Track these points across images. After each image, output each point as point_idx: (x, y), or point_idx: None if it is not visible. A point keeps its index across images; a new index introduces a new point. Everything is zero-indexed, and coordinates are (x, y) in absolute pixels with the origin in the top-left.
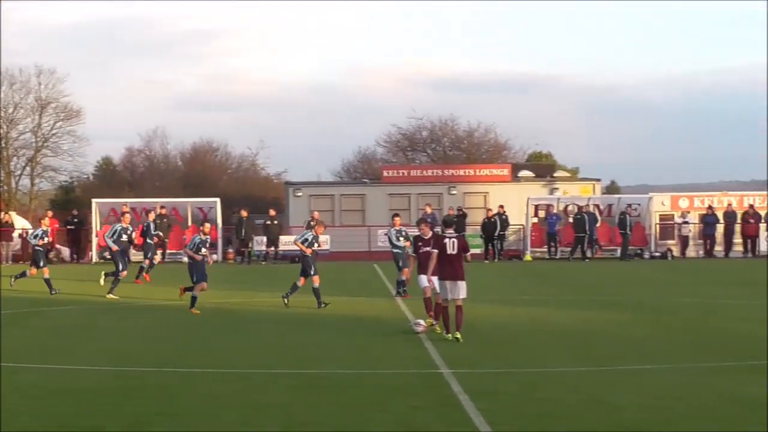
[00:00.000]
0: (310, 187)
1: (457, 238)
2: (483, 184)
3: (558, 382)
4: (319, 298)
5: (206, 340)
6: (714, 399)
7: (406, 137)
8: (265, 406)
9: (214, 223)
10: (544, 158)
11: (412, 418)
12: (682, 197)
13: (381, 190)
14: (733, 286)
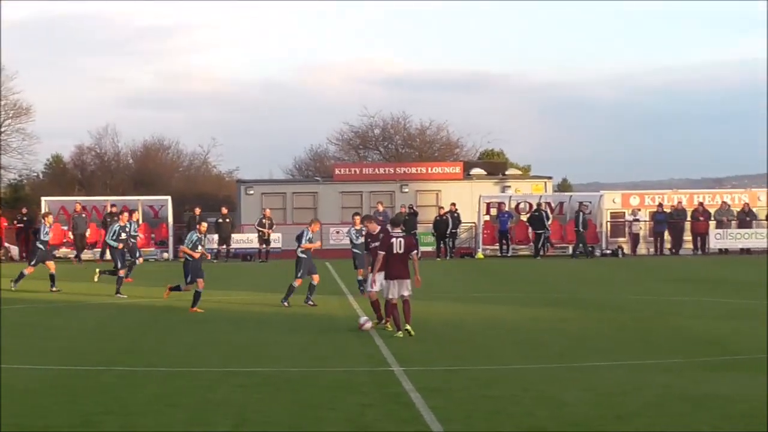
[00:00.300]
0: (262, 185)
1: (404, 237)
2: (435, 182)
3: (509, 379)
4: (289, 294)
5: (157, 339)
6: (663, 396)
7: (358, 135)
8: (215, 405)
9: (166, 221)
10: (496, 156)
11: (363, 416)
12: (633, 195)
13: (333, 188)
14: (683, 283)
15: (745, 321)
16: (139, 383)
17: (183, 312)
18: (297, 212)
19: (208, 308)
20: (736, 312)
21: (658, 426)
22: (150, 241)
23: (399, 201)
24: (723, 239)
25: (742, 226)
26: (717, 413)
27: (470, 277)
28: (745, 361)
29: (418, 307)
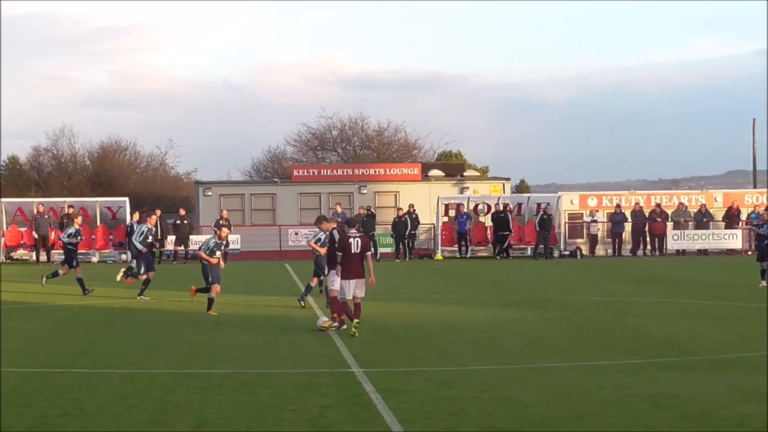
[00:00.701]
0: (220, 187)
1: (360, 237)
2: (393, 183)
3: (468, 380)
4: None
5: (114, 340)
6: (622, 396)
7: (316, 136)
8: (174, 406)
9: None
10: (454, 157)
11: (323, 418)
12: (591, 196)
13: (291, 190)
14: (641, 284)
15: (701, 321)
16: (96, 384)
17: (141, 313)
18: (255, 214)
19: (165, 309)
20: (693, 312)
21: (617, 426)
22: (108, 243)
23: (357, 202)
24: (680, 240)
25: (699, 227)
26: (676, 413)
27: (429, 278)
28: (702, 361)
29: (377, 309)
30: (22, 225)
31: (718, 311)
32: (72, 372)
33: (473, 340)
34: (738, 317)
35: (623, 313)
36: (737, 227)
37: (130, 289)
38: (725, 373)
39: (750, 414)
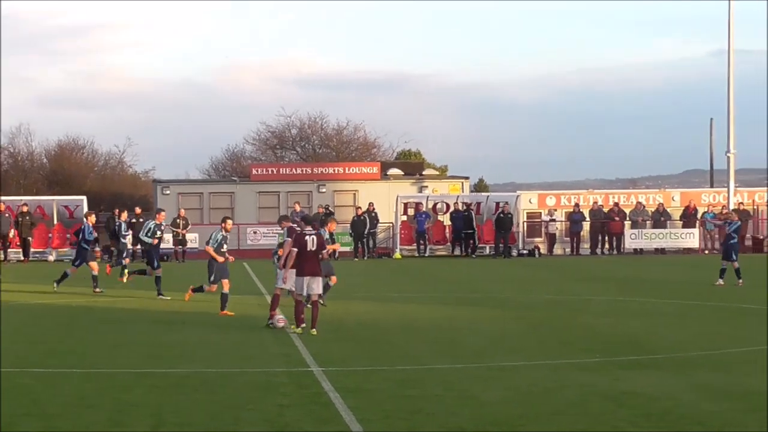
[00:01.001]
0: (179, 185)
1: (316, 235)
2: (352, 182)
3: (428, 378)
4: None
5: (73, 340)
6: (584, 395)
7: (275, 135)
8: (133, 406)
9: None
10: (413, 156)
11: (282, 417)
12: (549, 195)
13: (250, 188)
14: (599, 282)
15: (659, 319)
16: (57, 384)
17: (103, 312)
18: (214, 212)
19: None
20: (651, 311)
21: (580, 425)
22: (65, 241)
23: (316, 201)
24: (638, 239)
25: (657, 226)
26: (637, 411)
27: (388, 277)
28: (662, 359)
29: (336, 307)
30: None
31: (676, 309)
32: (33, 372)
33: (432, 339)
34: (695, 316)
35: (582, 311)
36: (695, 226)
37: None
38: (686, 372)
39: (711, 412)
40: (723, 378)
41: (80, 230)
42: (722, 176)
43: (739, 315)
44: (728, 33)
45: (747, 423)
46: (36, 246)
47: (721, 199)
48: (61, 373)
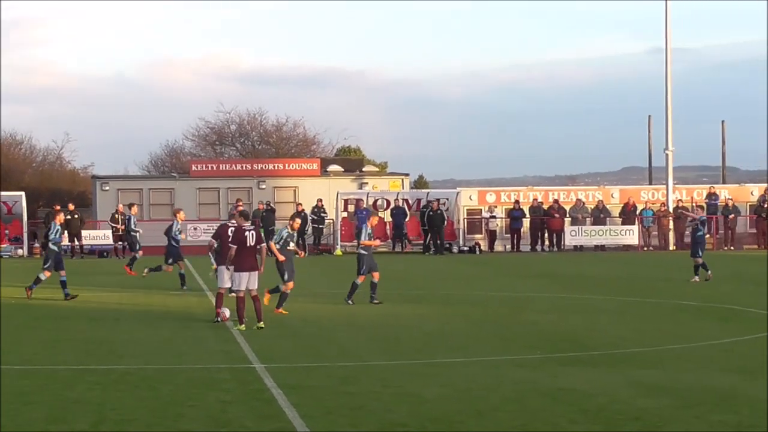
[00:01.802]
0: (118, 181)
1: (254, 230)
2: (292, 178)
3: (369, 375)
4: (353, 292)
5: (12, 337)
6: (521, 391)
7: (215, 131)
8: (73, 403)
9: (20, 217)
10: (353, 153)
11: (224, 413)
12: (489, 192)
13: (190, 184)
14: (539, 279)
15: (598, 316)
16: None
17: (37, 309)
18: (154, 208)
19: (62, 305)
20: (591, 308)
21: (517, 420)
22: (4, 238)
23: (257, 197)
24: (578, 236)
25: (597, 223)
26: (574, 407)
27: (329, 273)
28: (600, 356)
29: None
30: None
31: (615, 306)
32: None
33: (373, 336)
34: (634, 312)
35: (522, 308)
36: (634, 223)
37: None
38: (623, 368)
39: (647, 408)
40: (659, 374)
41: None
42: (660, 173)
43: (677, 312)
44: (665, 31)
45: (682, 418)
46: None
47: (659, 196)
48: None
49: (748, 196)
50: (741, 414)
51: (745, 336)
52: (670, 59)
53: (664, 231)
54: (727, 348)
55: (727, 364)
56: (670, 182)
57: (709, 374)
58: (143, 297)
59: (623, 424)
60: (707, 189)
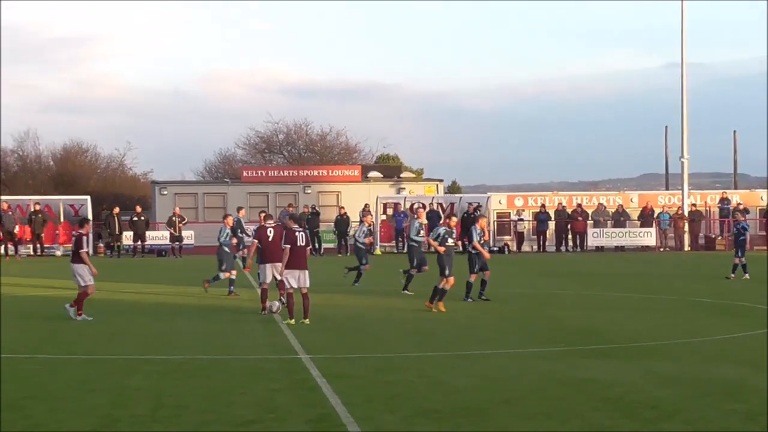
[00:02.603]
0: (175, 186)
1: (305, 232)
2: (335, 183)
3: (405, 366)
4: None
5: (76, 329)
6: (545, 381)
7: (264, 140)
8: (133, 390)
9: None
10: (392, 160)
11: (271, 401)
12: (518, 196)
13: (241, 189)
14: (563, 277)
15: (618, 312)
16: (60, 370)
17: (100, 304)
18: (208, 211)
19: (123, 300)
20: (611, 304)
21: (542, 408)
22: (71, 238)
23: (302, 201)
24: (599, 238)
25: (617, 225)
26: (595, 396)
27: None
28: (619, 349)
29: (321, 300)
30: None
31: (633, 303)
32: (37, 358)
33: (409, 329)
34: (651, 308)
35: (547, 304)
36: (651, 226)
37: None
38: (639, 360)
39: (662, 397)
40: (673, 366)
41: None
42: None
43: (690, 308)
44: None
45: (695, 407)
46: (45, 241)
47: (676, 200)
48: (64, 359)
49: (758, 200)
50: (750, 403)
51: (755, 331)
52: (686, 73)
53: (679, 233)
54: (738, 342)
55: (737, 357)
56: (686, 188)
57: (720, 366)
58: (198, 293)
59: (641, 412)
60: (720, 194)
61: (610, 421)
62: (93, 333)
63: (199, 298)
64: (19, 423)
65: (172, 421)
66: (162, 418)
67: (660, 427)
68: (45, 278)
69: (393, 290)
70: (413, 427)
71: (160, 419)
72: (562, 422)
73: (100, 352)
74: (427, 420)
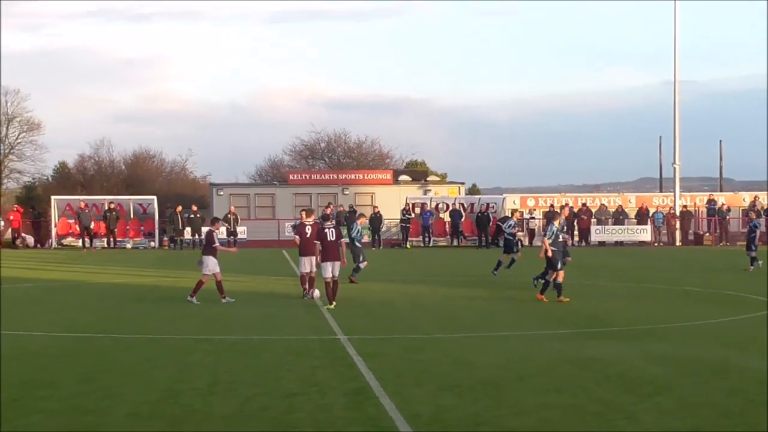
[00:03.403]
0: (230, 188)
1: (334, 227)
2: (370, 186)
3: (432, 346)
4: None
5: (142, 312)
6: (555, 360)
7: (307, 147)
8: (192, 366)
9: (152, 216)
10: (419, 165)
11: (313, 375)
12: (530, 197)
13: (288, 191)
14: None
15: (618, 300)
16: (128, 347)
17: (163, 290)
18: (259, 210)
19: (184, 287)
20: (611, 293)
21: (551, 384)
22: (140, 233)
23: (341, 201)
24: (601, 234)
25: (617, 223)
26: (599, 374)
27: (399, 263)
28: (619, 332)
29: (357, 288)
30: (69, 218)
31: (631, 292)
32: (109, 337)
33: (435, 314)
34: (646, 297)
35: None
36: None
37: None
38: (637, 342)
39: (657, 374)
40: (667, 347)
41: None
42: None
43: (682, 296)
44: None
45: (685, 383)
46: (118, 235)
47: (668, 201)
48: (132, 338)
49: (741, 202)
50: (733, 381)
51: (738, 316)
52: (678, 90)
53: (671, 230)
54: (723, 327)
55: (722, 339)
56: (677, 190)
57: (708, 347)
58: (250, 281)
59: (639, 387)
60: (708, 196)
61: (612, 395)
62: (158, 316)
63: (250, 285)
64: (94, 393)
65: (226, 394)
66: (218, 391)
67: (655, 400)
68: (118, 267)
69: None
70: (438, 399)
71: (216, 392)
72: (569, 396)
73: (164, 333)
74: (450, 393)
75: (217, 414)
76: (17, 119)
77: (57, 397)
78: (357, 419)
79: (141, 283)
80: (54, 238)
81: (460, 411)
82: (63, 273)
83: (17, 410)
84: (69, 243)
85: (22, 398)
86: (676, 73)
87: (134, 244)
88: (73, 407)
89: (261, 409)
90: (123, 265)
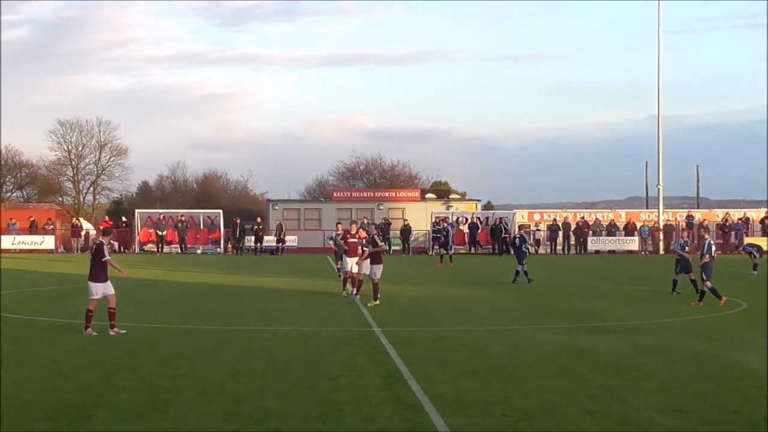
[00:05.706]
0: (284, 203)
1: (365, 238)
2: (401, 202)
3: (452, 337)
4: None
5: (211, 307)
6: (556, 350)
7: (349, 170)
8: (252, 352)
9: (219, 227)
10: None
11: (352, 360)
12: (536, 212)
13: (332, 206)
14: (569, 272)
15: (610, 299)
16: (200, 336)
17: (228, 289)
18: (307, 222)
19: (246, 286)
20: (604, 293)
21: (553, 370)
22: (208, 240)
23: (377, 215)
24: (596, 244)
25: (609, 234)
26: (592, 362)
27: (424, 267)
28: (611, 326)
29: (389, 288)
30: (151, 227)
31: (621, 292)
32: (183, 327)
33: (456, 310)
34: (634, 297)
35: (557, 292)
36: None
37: (220, 272)
38: (626, 335)
39: (643, 362)
40: (652, 339)
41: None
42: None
43: (665, 296)
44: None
45: (667, 369)
46: (188, 242)
47: (653, 217)
48: (202, 329)
49: (715, 217)
50: (708, 367)
51: (714, 314)
52: (662, 123)
53: (655, 241)
54: (700, 322)
55: (699, 333)
56: (661, 207)
57: (687, 340)
58: (299, 281)
59: (627, 373)
60: (686, 212)
61: (604, 380)
62: (224, 310)
63: (300, 285)
64: (170, 374)
65: (280, 375)
66: (273, 372)
67: (641, 384)
68: (190, 268)
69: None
70: (457, 382)
71: (271, 373)
72: (567, 380)
73: (228, 324)
74: (467, 377)
75: (272, 392)
76: (108, 145)
77: (139, 378)
78: (389, 398)
79: (209, 282)
80: (137, 244)
81: (476, 392)
82: (145, 273)
83: (108, 387)
84: (149, 249)
85: (112, 377)
86: (659, 109)
87: (203, 250)
88: (152, 386)
89: (309, 388)
90: (194, 268)
